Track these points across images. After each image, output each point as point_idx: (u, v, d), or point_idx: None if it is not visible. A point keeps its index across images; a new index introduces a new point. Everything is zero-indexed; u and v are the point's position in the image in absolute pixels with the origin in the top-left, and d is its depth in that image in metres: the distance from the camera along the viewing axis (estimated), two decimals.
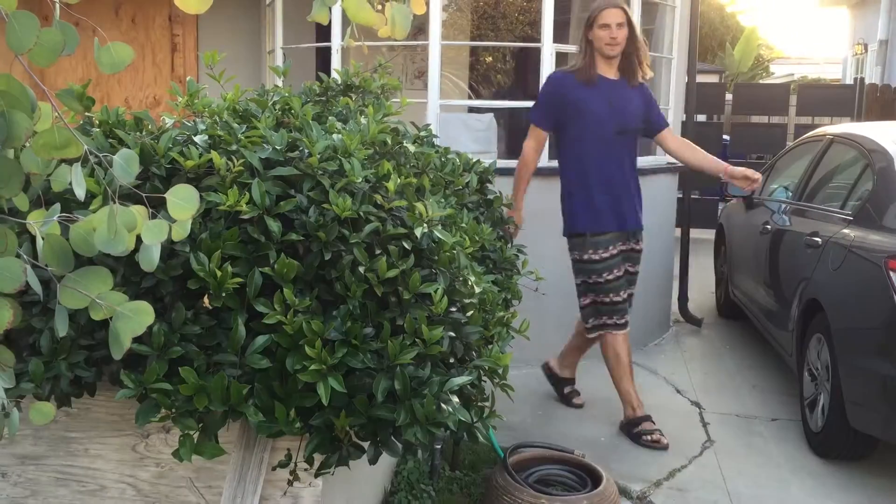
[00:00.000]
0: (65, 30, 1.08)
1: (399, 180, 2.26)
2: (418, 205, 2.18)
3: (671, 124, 4.56)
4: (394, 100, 3.25)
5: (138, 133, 2.37)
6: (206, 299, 1.97)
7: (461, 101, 6.87)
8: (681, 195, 6.05)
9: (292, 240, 2.07)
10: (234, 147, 2.23)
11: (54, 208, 1.24)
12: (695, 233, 6.56)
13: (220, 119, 2.47)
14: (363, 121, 2.58)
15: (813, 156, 4.94)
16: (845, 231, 3.83)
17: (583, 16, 7.51)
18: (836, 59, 19.96)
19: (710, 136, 8.64)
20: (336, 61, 4.78)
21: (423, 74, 6.45)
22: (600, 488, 2.92)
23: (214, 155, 2.13)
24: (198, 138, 2.29)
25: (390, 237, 2.15)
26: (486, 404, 2.23)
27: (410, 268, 2.10)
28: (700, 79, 6.42)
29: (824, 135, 5.02)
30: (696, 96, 6.01)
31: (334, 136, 2.31)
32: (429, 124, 3.51)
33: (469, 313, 2.24)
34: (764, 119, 10.37)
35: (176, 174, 2.19)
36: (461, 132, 4.97)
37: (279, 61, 5.24)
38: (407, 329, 2.04)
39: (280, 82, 3.98)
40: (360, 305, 2.06)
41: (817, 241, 4.03)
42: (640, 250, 4.04)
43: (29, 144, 1.10)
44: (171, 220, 1.19)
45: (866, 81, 10.41)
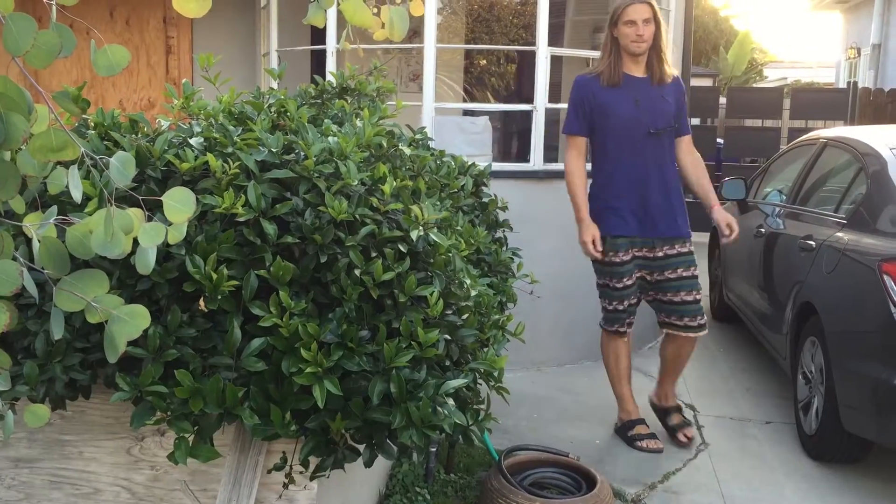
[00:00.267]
0: (61, 32, 1.07)
1: (395, 183, 2.27)
2: (414, 208, 2.19)
3: None
4: (389, 103, 3.26)
5: (134, 135, 2.37)
6: (202, 302, 1.97)
7: (456, 105, 6.87)
8: None
9: (288, 242, 2.07)
10: (230, 150, 2.23)
11: (51, 211, 1.24)
12: None
13: (216, 121, 2.47)
14: (359, 123, 2.58)
15: (806, 159, 4.96)
16: (839, 234, 3.84)
17: (577, 19, 7.57)
18: (830, 62, 20.05)
19: (704, 140, 8.57)
20: (331, 64, 4.78)
21: (418, 77, 6.45)
22: (595, 491, 2.93)
23: (210, 157, 2.13)
24: (193, 141, 2.29)
25: (386, 240, 2.15)
26: (482, 407, 2.23)
27: (406, 270, 2.10)
28: (694, 82, 6.46)
29: (818, 138, 5.03)
30: (691, 100, 6.03)
31: (330, 138, 2.31)
32: (424, 127, 3.51)
33: (465, 316, 2.24)
34: (757, 122, 10.39)
35: (172, 177, 2.19)
36: (456, 135, 4.97)
37: (274, 64, 5.24)
38: (403, 332, 2.04)
39: (275, 85, 3.98)
40: (356, 308, 2.06)
41: (811, 245, 4.04)
42: (684, 253, 3.75)
43: (25, 147, 1.09)
44: (167, 222, 1.19)
45: (859, 85, 10.45)
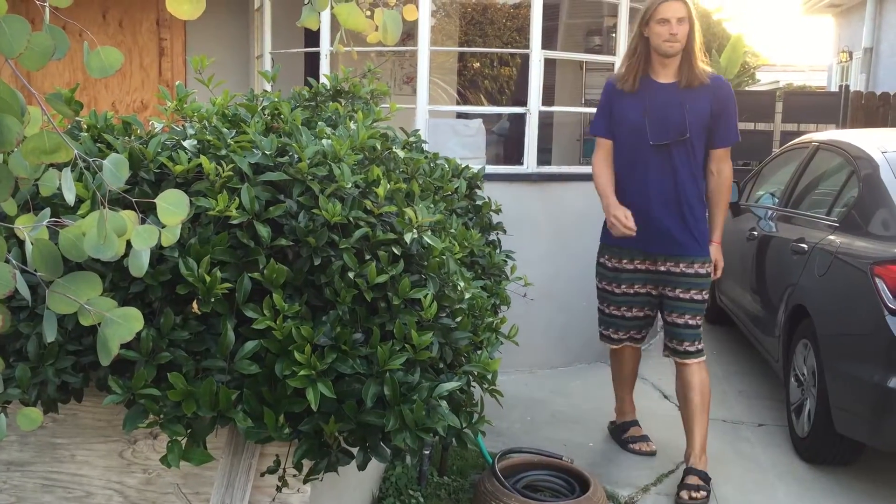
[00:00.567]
0: (54, 34, 1.07)
1: (388, 186, 2.27)
2: (408, 210, 2.19)
3: None
4: (383, 105, 3.26)
5: (127, 137, 2.36)
6: (195, 304, 1.97)
7: (450, 107, 6.87)
8: None
9: (282, 245, 2.07)
10: (224, 152, 2.23)
11: (43, 213, 1.23)
12: None
13: (210, 124, 2.47)
14: (352, 126, 2.58)
15: (799, 162, 4.97)
16: (831, 237, 3.86)
17: (571, 22, 7.58)
18: (822, 66, 20.10)
19: None
20: (325, 66, 4.78)
21: (411, 80, 6.46)
22: (588, 494, 2.93)
23: (204, 160, 2.12)
24: (187, 143, 2.29)
25: (380, 242, 2.15)
26: (475, 409, 2.23)
27: (400, 273, 2.10)
28: None
29: (810, 141, 5.05)
30: None
31: (324, 141, 2.31)
32: (418, 130, 3.51)
33: (458, 319, 2.24)
34: (750, 126, 10.41)
35: (165, 179, 2.18)
36: (450, 138, 4.97)
37: (268, 66, 5.23)
38: (396, 334, 2.04)
39: (269, 87, 3.98)
40: (350, 311, 2.06)
41: (803, 248, 4.05)
42: (689, 274, 3.56)
43: (18, 149, 1.09)
44: (160, 225, 1.18)
45: (851, 89, 10.50)
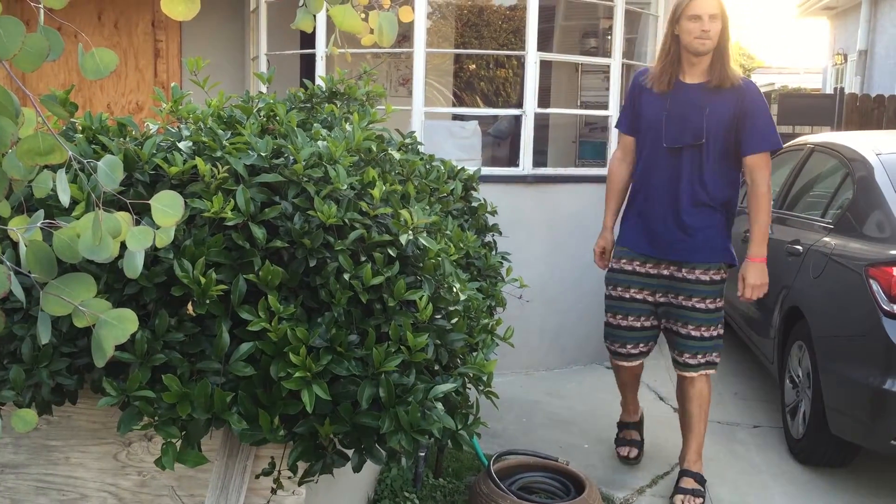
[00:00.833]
0: (49, 35, 1.07)
1: (384, 187, 2.26)
2: (403, 212, 2.19)
3: None
4: (378, 107, 3.26)
5: (122, 139, 2.36)
6: (190, 306, 1.96)
7: (446, 109, 6.88)
8: None
9: (277, 246, 2.07)
10: (219, 153, 2.23)
11: (38, 214, 1.23)
12: None
13: (205, 125, 2.46)
14: (348, 128, 2.58)
15: (794, 164, 4.99)
16: (826, 239, 3.87)
17: (567, 24, 7.59)
18: (817, 68, 20.15)
19: None
20: (320, 68, 4.78)
21: (407, 82, 6.46)
22: (584, 495, 2.93)
23: (199, 161, 2.12)
24: (182, 144, 2.28)
25: (375, 244, 2.15)
26: (471, 411, 2.23)
27: (395, 275, 2.10)
28: None
29: (805, 144, 5.06)
30: None
31: (319, 142, 2.31)
32: (413, 131, 3.51)
33: (454, 320, 2.24)
34: None
35: (160, 180, 2.18)
36: (445, 139, 4.98)
37: (263, 68, 5.23)
38: (392, 336, 2.04)
39: (265, 89, 3.97)
40: (345, 312, 2.06)
41: (798, 249, 4.06)
42: (694, 280, 3.35)
43: (12, 150, 1.09)
44: (155, 226, 1.18)
45: (846, 91, 10.53)
